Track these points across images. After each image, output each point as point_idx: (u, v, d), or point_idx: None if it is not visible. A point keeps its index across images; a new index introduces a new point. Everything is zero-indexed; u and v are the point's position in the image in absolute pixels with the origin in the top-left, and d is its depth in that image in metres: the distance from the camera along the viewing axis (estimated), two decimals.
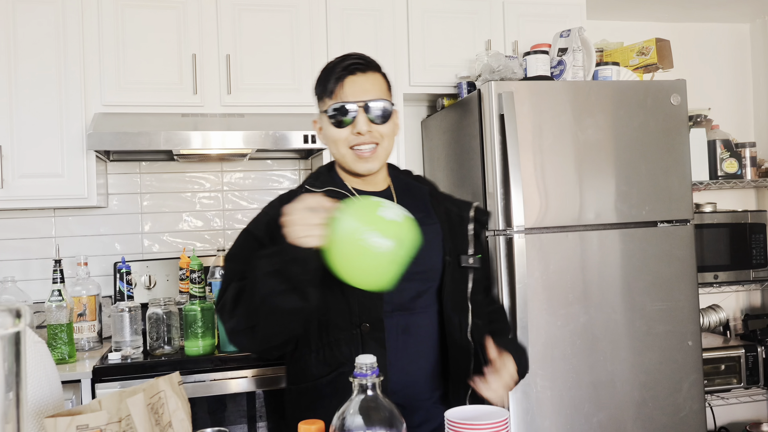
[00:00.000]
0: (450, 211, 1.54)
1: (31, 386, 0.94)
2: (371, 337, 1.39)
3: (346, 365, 1.38)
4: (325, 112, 1.45)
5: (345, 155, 1.45)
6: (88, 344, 2.62)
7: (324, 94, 1.47)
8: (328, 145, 1.48)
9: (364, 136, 1.42)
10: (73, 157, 2.66)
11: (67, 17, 2.67)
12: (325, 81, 1.47)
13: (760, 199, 3.88)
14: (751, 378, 3.18)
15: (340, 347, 1.40)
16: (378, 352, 1.37)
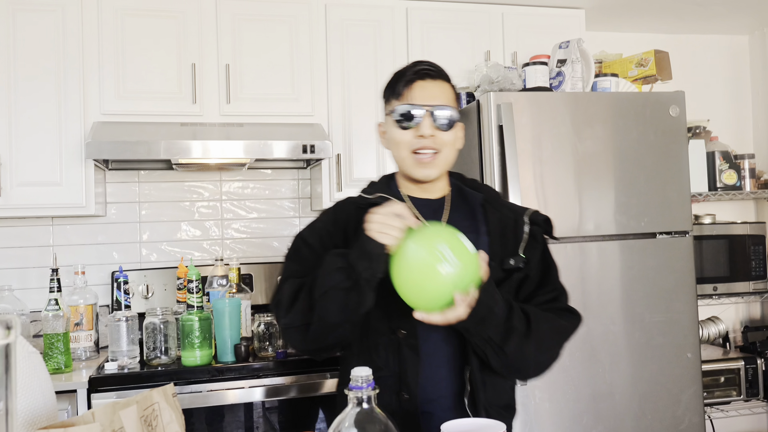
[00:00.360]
0: (506, 217, 1.52)
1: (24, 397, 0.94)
2: (406, 344, 1.41)
3: (383, 370, 1.40)
4: (390, 113, 1.48)
5: (405, 159, 1.46)
6: (84, 354, 2.61)
7: (392, 96, 1.49)
8: (391, 148, 1.50)
9: (427, 141, 1.43)
10: (71, 165, 2.66)
11: (66, 26, 2.67)
12: (395, 84, 1.49)
13: (759, 210, 3.88)
14: (750, 390, 3.16)
15: (378, 352, 1.43)
16: (412, 358, 1.40)
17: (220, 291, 2.67)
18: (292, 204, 3.26)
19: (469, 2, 3.09)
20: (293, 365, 2.45)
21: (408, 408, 1.39)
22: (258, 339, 2.53)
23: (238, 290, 2.66)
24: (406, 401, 1.40)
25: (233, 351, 2.47)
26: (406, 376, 1.40)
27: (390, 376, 1.40)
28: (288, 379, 2.44)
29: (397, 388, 1.40)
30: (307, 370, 2.46)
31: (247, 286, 2.85)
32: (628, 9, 3.36)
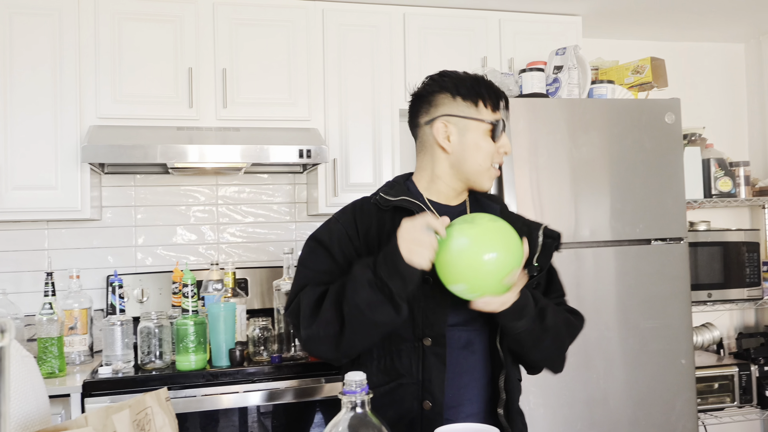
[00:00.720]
0: (519, 230, 1.52)
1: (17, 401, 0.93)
2: (432, 352, 1.40)
3: (405, 377, 1.40)
4: (481, 120, 1.45)
5: (482, 166, 1.47)
6: (78, 358, 2.60)
7: (485, 102, 1.47)
8: (466, 153, 1.46)
9: (503, 158, 1.49)
10: (67, 169, 2.66)
11: (63, 29, 2.67)
12: (489, 91, 1.48)
13: (754, 217, 3.89)
14: (744, 397, 3.17)
15: (401, 358, 1.41)
16: (437, 367, 1.40)
17: (215, 295, 2.67)
18: (287, 209, 3.26)
19: (467, 8, 3.10)
20: (288, 370, 2.45)
21: (431, 416, 1.39)
22: (253, 343, 2.53)
23: (234, 294, 2.66)
24: (430, 409, 1.39)
25: (228, 355, 2.47)
26: (430, 384, 1.39)
27: (413, 384, 1.40)
28: (283, 384, 2.43)
29: (420, 396, 1.40)
30: (302, 375, 2.46)
31: (242, 291, 2.85)
32: (625, 16, 3.38)
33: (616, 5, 3.21)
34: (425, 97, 1.50)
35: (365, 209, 1.49)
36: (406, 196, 1.46)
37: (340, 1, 2.97)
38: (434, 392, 1.39)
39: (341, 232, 1.46)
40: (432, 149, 1.49)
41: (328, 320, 1.34)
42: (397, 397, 1.39)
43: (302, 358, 2.53)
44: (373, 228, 1.45)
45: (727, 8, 3.33)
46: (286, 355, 2.54)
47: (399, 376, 1.40)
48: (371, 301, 1.28)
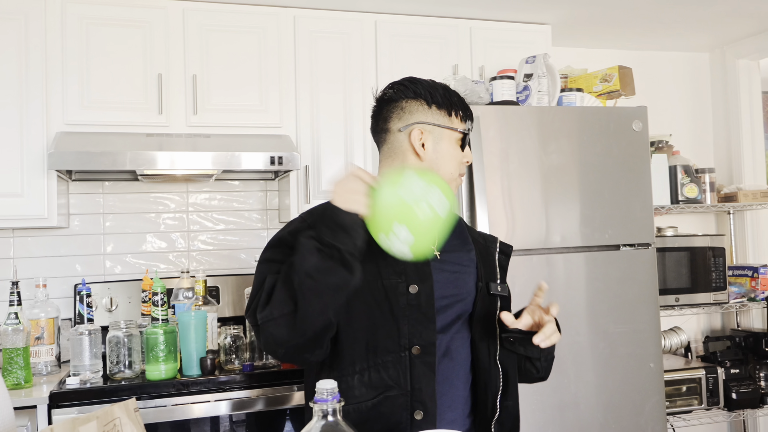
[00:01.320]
0: (477, 241, 1.58)
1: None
2: (421, 361, 1.39)
3: (393, 389, 1.38)
4: (454, 129, 1.48)
5: (453, 175, 1.49)
6: (45, 368, 2.56)
7: (457, 112, 1.49)
8: (439, 161, 1.47)
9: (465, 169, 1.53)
10: (33, 176, 2.61)
11: (29, 34, 2.63)
12: (458, 103, 1.51)
13: (720, 223, 3.96)
14: (711, 399, 3.22)
15: (387, 370, 1.39)
16: (427, 376, 1.38)
17: (185, 303, 2.64)
18: (259, 216, 3.25)
19: (438, 16, 3.12)
20: (260, 378, 2.44)
21: (423, 426, 1.37)
22: (224, 352, 2.51)
23: (204, 303, 2.63)
24: (422, 419, 1.37)
25: (199, 364, 2.44)
26: (421, 393, 1.38)
27: (401, 395, 1.38)
28: (255, 392, 2.41)
29: (410, 407, 1.38)
30: (274, 383, 2.44)
31: (213, 299, 2.82)
32: (593, 25, 3.43)
33: (584, 15, 3.26)
34: (396, 102, 1.49)
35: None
36: None
37: (311, 8, 2.96)
38: (426, 401, 1.38)
39: (301, 228, 1.41)
40: (404, 155, 1.48)
41: (282, 299, 1.28)
42: (385, 410, 1.37)
43: (274, 366, 2.51)
44: None
45: (692, 18, 3.39)
46: (258, 364, 2.52)
47: (386, 389, 1.37)
48: (322, 266, 1.24)
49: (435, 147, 1.47)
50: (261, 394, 2.42)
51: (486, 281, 1.52)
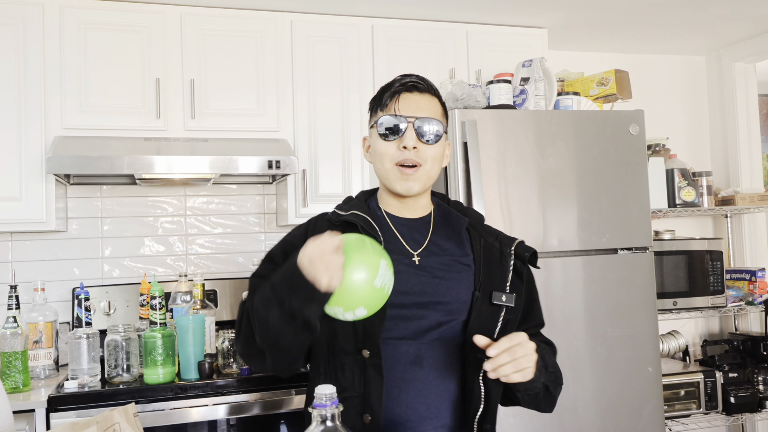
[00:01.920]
0: (491, 245, 1.48)
1: None
2: (370, 364, 1.36)
3: (348, 390, 1.36)
4: (375, 125, 1.43)
5: (389, 171, 1.41)
6: (43, 372, 2.56)
7: (378, 107, 1.44)
8: (375, 161, 1.45)
9: (410, 153, 1.39)
10: (31, 180, 2.62)
11: (28, 39, 2.64)
12: (381, 95, 1.45)
13: (717, 226, 3.97)
14: (709, 403, 3.22)
15: (344, 372, 1.38)
16: (376, 380, 1.35)
17: (183, 307, 2.64)
18: (257, 219, 3.25)
19: (434, 20, 3.13)
20: (257, 382, 2.44)
21: (371, 430, 1.35)
22: (222, 356, 2.51)
23: (203, 306, 2.63)
24: (369, 422, 1.35)
25: (197, 368, 2.45)
26: (369, 397, 1.35)
27: (355, 397, 1.36)
28: (252, 396, 2.41)
29: (361, 410, 1.36)
30: (272, 387, 2.44)
31: (211, 302, 2.82)
32: (590, 29, 3.44)
33: (580, 19, 3.27)
34: None
35: (318, 225, 1.47)
36: (360, 211, 1.43)
37: (308, 12, 2.97)
38: (373, 405, 1.35)
39: (289, 243, 1.45)
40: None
41: (248, 340, 1.34)
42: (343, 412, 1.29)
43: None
44: None
45: (688, 22, 3.41)
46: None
47: (343, 390, 1.35)
48: (284, 326, 1.24)
49: (371, 149, 1.47)
50: (259, 398, 2.42)
51: (489, 290, 1.42)
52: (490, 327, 1.40)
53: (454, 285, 1.42)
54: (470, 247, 1.48)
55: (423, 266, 1.42)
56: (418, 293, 1.39)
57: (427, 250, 1.44)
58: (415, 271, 1.41)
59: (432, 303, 1.39)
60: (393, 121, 1.40)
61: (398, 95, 1.42)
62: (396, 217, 1.48)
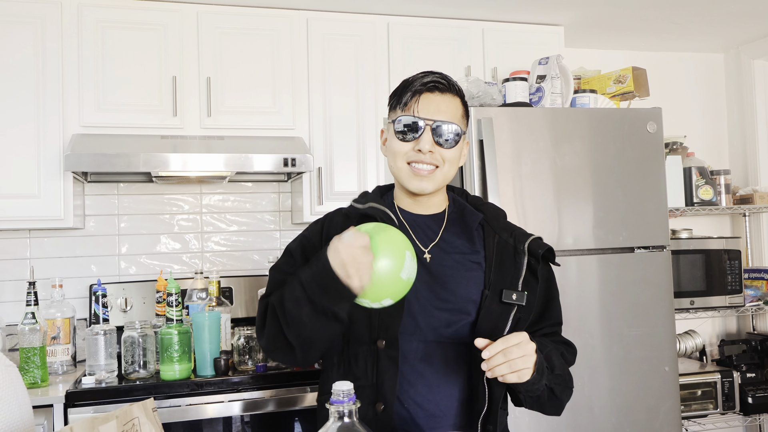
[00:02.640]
0: (505, 242, 1.45)
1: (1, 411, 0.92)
2: (385, 355, 1.37)
3: (360, 380, 1.37)
4: (392, 122, 1.42)
5: (401, 169, 1.42)
6: (61, 368, 2.58)
7: (397, 104, 1.43)
8: (388, 157, 1.46)
9: (425, 156, 1.39)
10: (50, 178, 2.64)
11: (46, 38, 2.66)
12: (401, 92, 1.44)
13: (735, 225, 3.94)
14: (727, 403, 3.20)
15: (357, 362, 1.39)
16: (391, 371, 1.36)
17: (199, 304, 2.66)
18: (272, 217, 3.26)
19: (450, 18, 3.13)
20: (272, 379, 2.44)
21: (383, 420, 1.35)
22: (238, 352, 2.52)
23: (218, 303, 2.65)
24: (382, 412, 1.36)
25: (212, 365, 2.46)
26: (383, 386, 1.36)
27: (368, 386, 1.37)
28: (267, 393, 2.42)
29: (374, 399, 1.37)
30: (287, 384, 2.45)
31: (227, 300, 2.84)
32: (607, 27, 3.42)
33: (597, 16, 3.25)
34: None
35: (335, 219, 1.48)
36: (377, 204, 1.43)
37: (324, 11, 2.98)
38: (386, 395, 1.36)
39: (307, 239, 1.47)
40: None
41: (274, 334, 1.34)
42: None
43: (287, 367, 2.52)
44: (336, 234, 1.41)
45: (706, 19, 3.37)
46: (271, 365, 2.53)
47: (356, 380, 1.36)
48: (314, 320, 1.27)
49: (387, 144, 1.47)
50: (273, 395, 2.43)
51: (500, 288, 1.40)
52: (500, 326, 1.39)
53: (463, 283, 1.41)
54: (482, 244, 1.46)
55: (432, 264, 1.42)
56: (428, 291, 1.39)
57: (437, 247, 1.44)
58: (425, 269, 1.40)
59: (441, 301, 1.39)
60: (411, 122, 1.39)
61: (419, 95, 1.41)
62: (409, 213, 1.48)
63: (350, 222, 1.43)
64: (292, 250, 1.48)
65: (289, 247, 1.49)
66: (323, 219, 1.52)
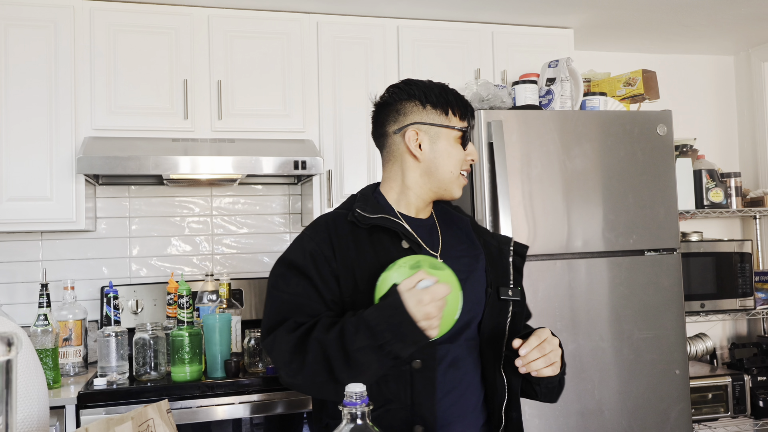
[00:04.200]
0: (489, 243, 1.54)
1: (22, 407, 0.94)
2: (421, 375, 1.36)
3: (393, 402, 1.36)
4: (452, 128, 1.46)
5: (453, 173, 1.47)
6: (73, 369, 2.60)
7: (454, 110, 1.47)
8: (438, 160, 1.46)
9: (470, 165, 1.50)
10: (62, 180, 2.66)
11: (59, 41, 2.68)
12: (457, 100, 1.49)
13: (746, 228, 3.92)
14: (738, 407, 3.18)
15: (387, 383, 1.36)
16: (427, 389, 1.36)
17: (210, 306, 2.67)
18: (282, 219, 3.27)
19: (460, 21, 3.13)
20: None
21: None
22: (248, 354, 2.53)
23: (229, 305, 2.66)
24: None
25: (223, 367, 2.47)
26: (421, 407, 1.35)
27: (401, 409, 1.36)
28: (277, 395, 2.43)
29: (410, 420, 1.36)
30: None
31: (237, 302, 2.85)
32: (616, 29, 3.41)
33: (606, 18, 3.25)
34: (392, 105, 1.49)
35: (339, 227, 1.44)
36: (382, 213, 1.43)
37: (334, 14, 2.99)
38: (425, 415, 1.35)
39: (316, 251, 1.40)
40: (402, 158, 1.48)
41: (317, 372, 1.28)
42: (386, 424, 1.34)
43: None
44: (351, 249, 1.40)
45: (716, 21, 3.37)
46: None
47: (386, 402, 1.35)
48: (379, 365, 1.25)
49: (432, 147, 1.45)
50: (284, 397, 2.43)
51: (496, 286, 1.48)
52: (501, 322, 1.46)
53: (474, 285, 1.46)
54: (479, 245, 1.53)
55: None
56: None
57: (445, 252, 1.46)
58: None
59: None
60: (469, 133, 1.49)
61: (469, 113, 1.50)
62: (411, 218, 1.49)
63: (360, 232, 1.41)
64: (301, 267, 1.39)
65: (291, 263, 1.41)
66: (323, 227, 1.45)
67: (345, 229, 1.43)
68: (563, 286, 2.55)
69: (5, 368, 0.56)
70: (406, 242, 1.41)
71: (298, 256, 1.41)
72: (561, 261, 2.55)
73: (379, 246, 1.40)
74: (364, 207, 1.45)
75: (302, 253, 1.41)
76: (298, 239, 1.46)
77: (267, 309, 1.40)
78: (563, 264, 2.55)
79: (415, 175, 1.47)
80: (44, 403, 0.99)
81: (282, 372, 1.33)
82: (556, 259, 2.55)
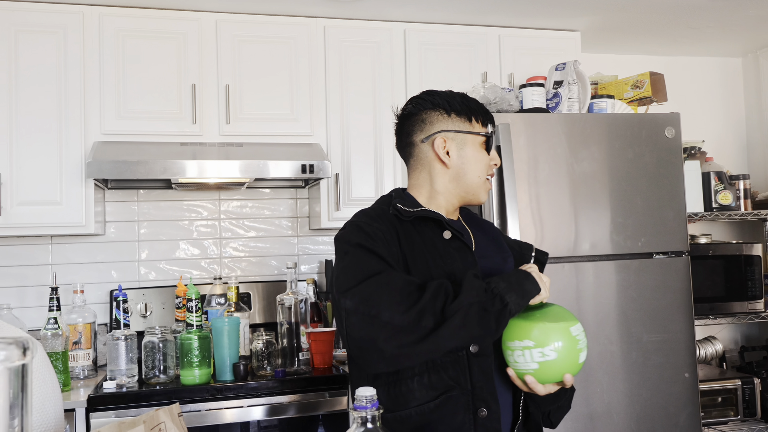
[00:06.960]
0: (512, 248, 1.60)
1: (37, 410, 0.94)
2: (478, 360, 1.40)
3: (455, 389, 1.38)
4: (477, 134, 1.51)
5: (480, 178, 1.52)
6: (83, 373, 2.61)
7: (477, 117, 1.52)
8: (466, 165, 1.50)
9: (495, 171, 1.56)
10: (71, 185, 2.68)
11: (68, 47, 2.70)
12: (479, 107, 1.54)
13: (755, 230, 3.90)
14: (748, 410, 3.17)
15: (447, 370, 1.39)
16: (486, 374, 1.40)
17: (218, 310, 2.68)
18: (290, 223, 3.28)
19: (466, 24, 3.13)
20: (291, 384, 2.46)
21: (487, 424, 1.38)
22: (257, 358, 2.54)
23: (237, 309, 2.67)
24: (485, 418, 1.38)
25: (232, 370, 2.47)
26: (482, 392, 1.39)
27: (462, 394, 1.39)
28: (286, 398, 2.44)
29: (473, 405, 1.39)
30: (306, 389, 2.46)
31: (245, 305, 2.86)
32: (623, 32, 3.41)
33: (613, 21, 3.25)
34: (417, 115, 1.53)
35: (387, 218, 1.46)
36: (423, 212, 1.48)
37: (341, 18, 3.00)
38: (488, 399, 1.39)
39: (382, 232, 1.40)
40: (430, 165, 1.52)
41: (425, 311, 1.27)
42: (448, 411, 1.38)
43: (306, 373, 2.53)
44: (405, 237, 1.45)
45: (724, 23, 3.36)
46: (290, 370, 2.55)
47: (448, 389, 1.38)
48: (484, 304, 1.29)
49: (459, 153, 1.50)
50: (293, 400, 2.44)
51: None
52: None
53: None
54: (507, 248, 1.59)
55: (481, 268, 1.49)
56: None
57: (478, 252, 1.52)
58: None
59: None
60: (493, 139, 1.54)
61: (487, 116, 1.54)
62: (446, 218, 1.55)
63: (406, 225, 1.46)
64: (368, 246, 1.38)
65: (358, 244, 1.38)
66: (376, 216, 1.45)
67: (393, 221, 1.47)
68: (571, 290, 2.54)
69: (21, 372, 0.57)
70: (449, 232, 1.46)
71: (363, 238, 1.39)
72: (569, 264, 2.55)
73: (425, 236, 1.46)
74: (403, 203, 1.49)
75: (366, 235, 1.40)
76: (356, 227, 1.43)
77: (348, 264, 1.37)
78: (571, 267, 2.55)
79: (444, 180, 1.52)
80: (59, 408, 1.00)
81: (383, 309, 1.27)
82: (564, 262, 2.55)
